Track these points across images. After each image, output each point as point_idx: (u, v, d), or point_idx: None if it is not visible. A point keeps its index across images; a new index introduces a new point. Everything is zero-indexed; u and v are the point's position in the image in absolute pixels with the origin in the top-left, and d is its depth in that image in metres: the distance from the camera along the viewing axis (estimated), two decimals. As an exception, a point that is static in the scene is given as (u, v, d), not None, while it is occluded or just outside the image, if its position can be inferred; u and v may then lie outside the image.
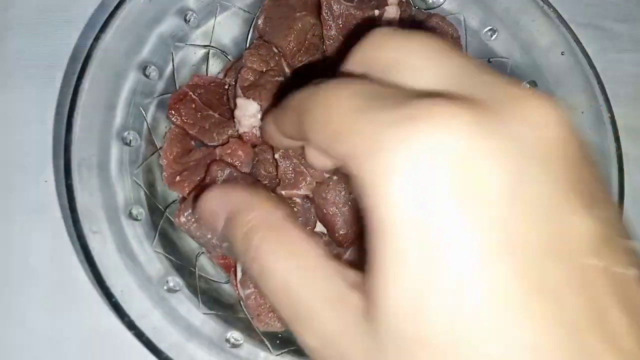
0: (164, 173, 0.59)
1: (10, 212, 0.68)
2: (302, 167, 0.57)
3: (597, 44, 0.79)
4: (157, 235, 0.56)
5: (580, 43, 0.60)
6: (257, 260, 0.28)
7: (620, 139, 0.58)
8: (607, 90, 0.60)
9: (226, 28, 0.68)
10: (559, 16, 0.61)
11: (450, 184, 0.19)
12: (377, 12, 0.60)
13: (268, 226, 0.29)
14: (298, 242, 0.28)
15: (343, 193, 0.56)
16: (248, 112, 0.56)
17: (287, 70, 0.61)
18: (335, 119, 0.24)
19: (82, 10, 0.77)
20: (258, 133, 0.58)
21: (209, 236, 0.44)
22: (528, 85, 0.65)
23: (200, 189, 0.39)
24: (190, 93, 0.62)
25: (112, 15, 0.56)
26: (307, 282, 0.26)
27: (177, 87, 0.63)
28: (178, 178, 0.58)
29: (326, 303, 0.24)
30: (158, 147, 0.61)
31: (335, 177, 0.56)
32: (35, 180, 0.70)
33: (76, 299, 0.65)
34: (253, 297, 0.52)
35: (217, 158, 0.57)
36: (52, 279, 0.66)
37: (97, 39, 0.55)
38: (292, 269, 0.26)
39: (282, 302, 0.26)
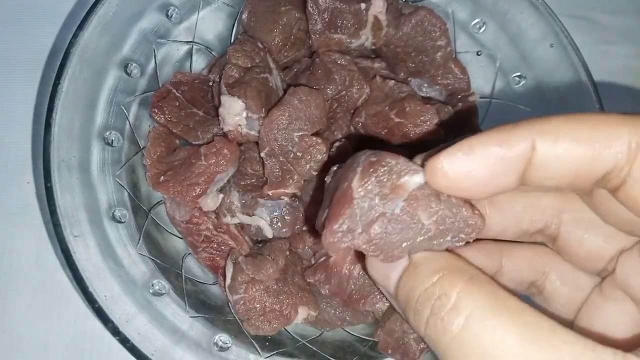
0: (148, 173, 0.58)
1: (-8, 214, 0.67)
2: (289, 165, 0.56)
3: (586, 35, 0.78)
4: (141, 237, 0.55)
5: (569, 35, 0.60)
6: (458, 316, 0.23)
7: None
8: (596, 82, 0.59)
9: (210, 23, 0.67)
10: (548, 8, 0.61)
11: None
12: (363, 5, 0.59)
13: (468, 277, 0.24)
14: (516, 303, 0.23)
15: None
16: (233, 110, 0.55)
17: (272, 66, 0.60)
18: None
19: (67, 6, 0.75)
20: (243, 131, 0.57)
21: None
22: (517, 79, 0.65)
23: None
24: (174, 91, 0.61)
25: (90, 11, 0.54)
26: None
27: (160, 85, 0.62)
28: (162, 178, 0.57)
29: None
30: (141, 147, 0.60)
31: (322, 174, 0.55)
32: (18, 181, 0.69)
33: (61, 302, 0.64)
34: (242, 302, 0.52)
35: (202, 157, 0.56)
36: (36, 282, 0.64)
37: (75, 36, 0.53)
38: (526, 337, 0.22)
39: None
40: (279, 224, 0.58)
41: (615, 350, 0.21)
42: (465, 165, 0.25)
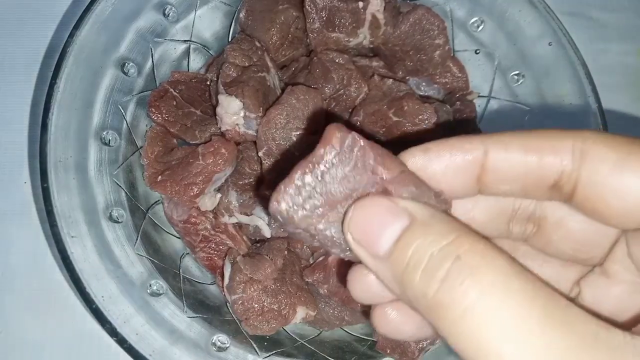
0: (146, 173, 0.58)
1: (-11, 214, 0.67)
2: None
3: (584, 33, 0.78)
4: (139, 237, 0.55)
5: (568, 33, 0.60)
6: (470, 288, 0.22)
7: (608, 128, 0.58)
8: (594, 79, 0.59)
9: (207, 22, 0.66)
10: (546, 6, 0.60)
11: None
12: (361, 4, 0.59)
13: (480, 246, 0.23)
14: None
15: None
16: (230, 110, 0.54)
17: (270, 65, 0.59)
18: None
19: (63, 5, 0.75)
20: (241, 130, 0.56)
21: (329, 232, 0.28)
22: (516, 77, 0.64)
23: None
24: (171, 90, 0.61)
25: (87, 10, 0.54)
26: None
27: (157, 84, 0.62)
28: (160, 178, 0.57)
29: None
30: (139, 147, 0.60)
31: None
32: (16, 181, 0.68)
33: (59, 302, 0.63)
34: (240, 302, 0.51)
35: (200, 157, 0.56)
36: (33, 282, 0.64)
37: (72, 35, 0.53)
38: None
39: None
40: (277, 223, 0.58)
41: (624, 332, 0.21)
42: (420, 162, 0.28)
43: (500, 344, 0.21)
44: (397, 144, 0.58)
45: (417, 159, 0.28)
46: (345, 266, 0.44)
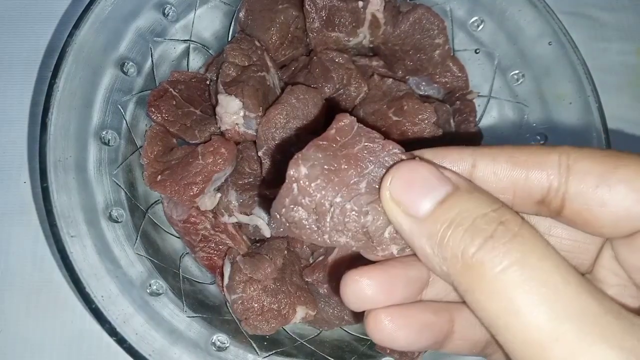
0: (145, 172, 0.58)
1: (-12, 214, 0.67)
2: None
3: (584, 32, 0.78)
4: (138, 237, 0.55)
5: (568, 33, 0.60)
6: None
7: (608, 127, 0.58)
8: (594, 79, 0.59)
9: (206, 21, 0.66)
10: (546, 6, 0.60)
11: None
12: (361, 3, 0.59)
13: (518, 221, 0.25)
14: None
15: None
16: (230, 109, 0.54)
17: (270, 64, 0.59)
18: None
19: (63, 4, 0.75)
20: (240, 130, 0.56)
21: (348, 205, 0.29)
22: (516, 77, 0.64)
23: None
24: (171, 89, 0.61)
25: (86, 9, 0.54)
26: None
27: (157, 84, 0.62)
28: (160, 177, 0.57)
29: None
30: (138, 146, 0.60)
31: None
32: (15, 180, 0.68)
33: (58, 302, 0.64)
34: (240, 301, 0.51)
35: (200, 156, 0.56)
36: (33, 282, 0.64)
37: (71, 35, 0.53)
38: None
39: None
40: (275, 224, 0.58)
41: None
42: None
43: (536, 306, 0.22)
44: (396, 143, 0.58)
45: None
46: (339, 273, 0.44)
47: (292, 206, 0.29)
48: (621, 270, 0.29)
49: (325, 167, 0.29)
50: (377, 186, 0.29)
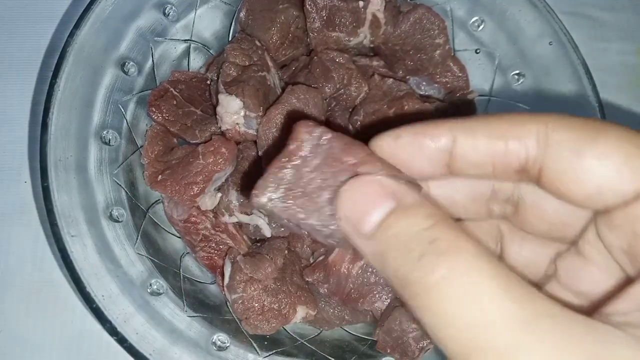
0: (146, 172, 0.58)
1: (-11, 214, 0.67)
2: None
3: (583, 32, 0.78)
4: (139, 236, 0.55)
5: (568, 33, 0.60)
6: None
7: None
8: (594, 79, 0.59)
9: (207, 21, 0.66)
10: (547, 6, 0.60)
11: None
12: (361, 3, 0.59)
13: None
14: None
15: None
16: (230, 109, 0.54)
17: (270, 64, 0.59)
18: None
19: (63, 4, 0.75)
20: (241, 129, 0.56)
21: (310, 221, 0.30)
22: (516, 77, 0.64)
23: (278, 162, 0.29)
24: (171, 89, 0.61)
25: (87, 9, 0.54)
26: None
27: (158, 83, 0.62)
28: (160, 177, 0.57)
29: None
30: (139, 146, 0.60)
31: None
32: (15, 180, 0.68)
33: (58, 302, 0.64)
34: (240, 301, 0.51)
35: (200, 156, 0.56)
36: (33, 282, 0.64)
37: (72, 34, 0.53)
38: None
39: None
40: (276, 223, 0.58)
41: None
42: (391, 148, 0.29)
43: (461, 312, 0.23)
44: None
45: (386, 145, 0.30)
46: (348, 262, 0.43)
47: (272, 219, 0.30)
48: (604, 248, 0.29)
49: (288, 187, 0.29)
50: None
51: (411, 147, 0.29)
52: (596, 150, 0.25)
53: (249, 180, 0.59)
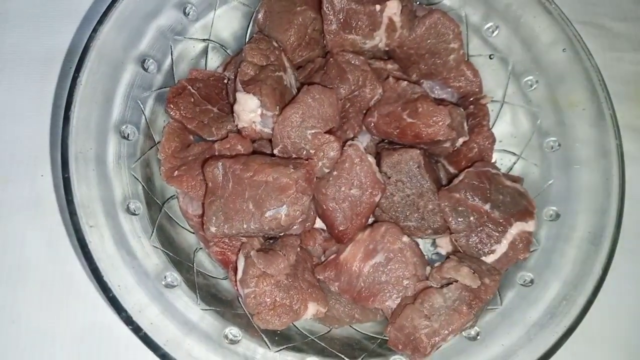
0: (162, 167, 0.59)
1: (6, 206, 0.68)
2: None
3: (596, 42, 0.79)
4: (154, 230, 0.56)
5: (582, 40, 0.60)
6: None
7: (621, 136, 0.58)
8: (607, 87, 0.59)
9: (226, 22, 0.68)
10: (561, 13, 0.61)
11: None
12: (378, 6, 0.60)
13: None
14: None
15: (343, 189, 0.55)
16: (247, 107, 0.55)
17: (287, 65, 0.60)
18: None
19: (83, 2, 0.76)
20: (257, 128, 0.57)
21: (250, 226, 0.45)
22: (530, 82, 0.65)
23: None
24: (189, 87, 0.62)
25: (110, 7, 0.55)
26: None
27: (176, 81, 0.63)
28: (176, 173, 0.58)
29: None
30: (156, 142, 0.61)
31: (335, 173, 0.56)
32: (32, 174, 0.69)
33: (71, 294, 0.64)
34: (252, 296, 0.52)
35: (216, 153, 0.57)
36: (46, 274, 0.65)
37: (94, 31, 0.54)
38: None
39: None
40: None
41: None
42: None
43: None
44: (410, 145, 0.59)
45: None
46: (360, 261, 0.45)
47: None
48: None
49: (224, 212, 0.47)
50: None
51: None
52: None
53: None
